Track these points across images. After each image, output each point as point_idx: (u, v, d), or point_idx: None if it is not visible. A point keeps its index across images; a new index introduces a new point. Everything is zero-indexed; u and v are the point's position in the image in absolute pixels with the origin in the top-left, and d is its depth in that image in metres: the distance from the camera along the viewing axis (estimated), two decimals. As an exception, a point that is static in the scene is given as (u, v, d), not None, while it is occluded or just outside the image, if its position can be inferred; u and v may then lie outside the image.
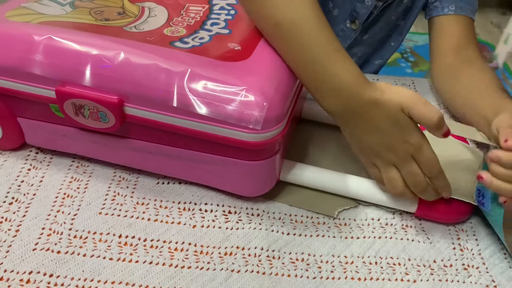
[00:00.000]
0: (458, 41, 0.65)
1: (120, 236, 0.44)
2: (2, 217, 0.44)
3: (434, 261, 0.45)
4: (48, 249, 0.42)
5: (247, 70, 0.42)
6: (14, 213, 0.45)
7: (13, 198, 0.46)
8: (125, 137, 0.45)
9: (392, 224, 0.48)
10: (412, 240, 0.47)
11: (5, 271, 0.40)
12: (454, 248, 0.47)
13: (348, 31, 0.73)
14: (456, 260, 0.46)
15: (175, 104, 0.40)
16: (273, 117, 0.40)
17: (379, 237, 0.47)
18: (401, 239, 0.47)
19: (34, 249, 0.42)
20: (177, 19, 0.48)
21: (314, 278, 0.43)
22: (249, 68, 0.42)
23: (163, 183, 0.49)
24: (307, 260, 0.44)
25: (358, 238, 0.47)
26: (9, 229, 0.43)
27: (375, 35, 0.75)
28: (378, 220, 0.49)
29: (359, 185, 0.49)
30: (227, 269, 0.42)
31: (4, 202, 0.46)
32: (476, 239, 0.48)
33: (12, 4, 0.47)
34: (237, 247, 0.44)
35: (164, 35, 0.45)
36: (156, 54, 0.41)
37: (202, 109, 0.40)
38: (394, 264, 0.45)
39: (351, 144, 0.46)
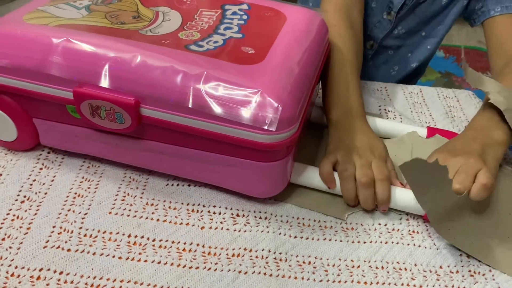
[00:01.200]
0: (508, 41, 0.65)
1: (129, 236, 0.44)
2: (14, 215, 0.45)
3: (441, 267, 0.45)
4: (58, 247, 0.43)
5: (261, 73, 0.43)
6: (25, 211, 0.46)
7: (25, 196, 0.47)
8: (139, 138, 0.46)
9: (399, 229, 0.49)
10: (419, 246, 0.47)
11: (16, 267, 0.41)
12: (460, 255, 0.47)
13: (384, 22, 0.75)
14: (462, 266, 0.46)
15: (190, 106, 0.41)
16: (287, 118, 0.41)
17: (386, 242, 0.47)
18: (408, 244, 0.47)
19: (44, 247, 0.43)
20: (191, 23, 0.48)
21: (321, 281, 0.43)
22: (263, 71, 0.43)
23: (172, 184, 0.50)
24: (314, 263, 0.44)
25: (365, 242, 0.47)
26: (20, 227, 0.44)
27: (408, 29, 0.77)
28: (385, 225, 0.49)
29: None
30: (235, 270, 0.43)
31: (16, 200, 0.46)
32: (483, 246, 0.48)
33: (30, 7, 0.48)
34: (245, 249, 0.45)
35: (179, 39, 0.46)
36: (172, 56, 0.42)
37: (218, 111, 0.41)
38: (400, 269, 0.45)
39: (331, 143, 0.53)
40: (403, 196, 0.49)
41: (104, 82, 0.42)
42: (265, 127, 0.40)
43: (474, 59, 1.84)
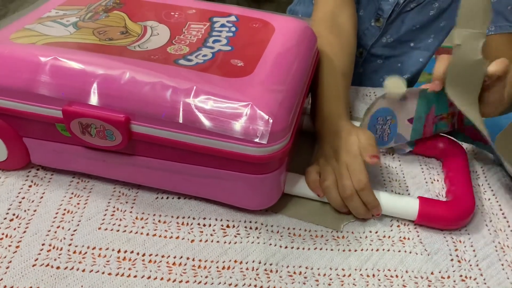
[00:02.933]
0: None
1: (119, 251, 0.44)
2: (3, 234, 0.45)
3: (432, 273, 0.45)
4: (47, 265, 0.43)
5: (251, 85, 0.43)
6: (14, 229, 0.45)
7: (14, 214, 0.47)
8: (130, 154, 0.46)
9: (389, 236, 0.49)
10: (410, 252, 0.47)
11: (4, 287, 0.40)
12: (451, 260, 0.47)
13: (373, 30, 0.77)
14: (453, 271, 0.46)
15: (181, 121, 0.41)
16: (278, 131, 0.41)
17: (377, 250, 0.47)
18: (399, 251, 0.47)
19: (34, 265, 0.42)
20: (179, 37, 0.49)
21: (312, 291, 0.43)
22: (253, 83, 0.43)
23: (162, 198, 0.50)
24: (305, 273, 0.44)
25: (355, 250, 0.47)
26: (9, 245, 0.44)
27: (397, 38, 0.78)
28: (376, 232, 0.49)
29: None
30: (225, 283, 0.43)
31: (5, 218, 0.46)
32: (474, 250, 0.48)
33: (16, 26, 0.49)
34: (235, 261, 0.44)
35: (168, 53, 0.46)
36: (161, 72, 0.42)
37: (208, 125, 0.41)
38: (391, 277, 0.45)
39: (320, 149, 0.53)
40: (394, 201, 0.49)
41: (94, 100, 0.42)
42: (257, 140, 0.41)
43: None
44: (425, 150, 0.58)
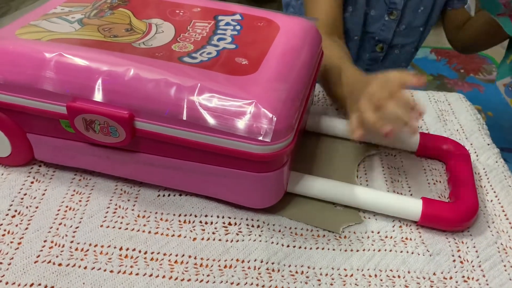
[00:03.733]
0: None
1: (121, 249, 0.44)
2: (5, 230, 0.45)
3: (434, 274, 0.45)
4: (49, 262, 0.42)
5: (255, 83, 0.43)
6: (16, 225, 0.45)
7: (15, 211, 0.47)
8: (133, 151, 0.46)
9: (392, 236, 0.48)
10: (412, 253, 0.47)
11: (6, 283, 0.40)
12: (454, 261, 0.47)
13: (389, 24, 0.80)
14: (456, 272, 0.46)
15: (185, 118, 0.41)
16: (282, 129, 0.41)
17: (379, 250, 0.47)
18: (401, 251, 0.47)
19: (35, 262, 0.42)
20: (184, 35, 0.49)
21: (314, 290, 0.43)
22: (257, 81, 0.43)
23: (164, 195, 0.50)
24: (307, 272, 0.44)
25: (357, 250, 0.47)
26: (11, 242, 0.44)
27: (407, 24, 0.81)
28: (378, 233, 0.49)
29: (364, 195, 0.50)
30: (227, 281, 0.43)
31: (7, 215, 0.46)
32: (476, 251, 0.48)
33: (22, 22, 0.48)
34: (237, 260, 0.44)
35: (173, 51, 0.46)
36: (166, 69, 0.42)
37: (212, 122, 0.41)
38: (393, 277, 0.45)
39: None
40: (397, 202, 0.49)
41: (98, 96, 0.42)
42: (260, 138, 0.41)
43: (465, 61, 1.85)
44: (428, 152, 0.58)
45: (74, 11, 0.52)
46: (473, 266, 0.46)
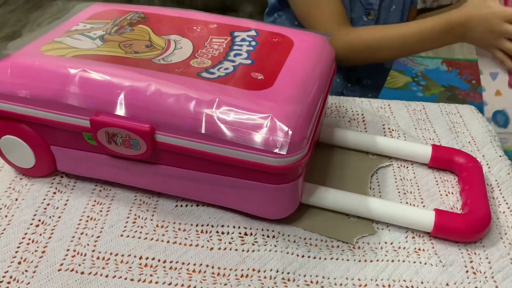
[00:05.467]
0: None
1: (140, 258, 0.46)
2: (30, 239, 0.46)
3: (447, 284, 0.46)
4: (72, 270, 0.44)
5: (271, 98, 0.44)
6: (40, 235, 0.47)
7: (39, 220, 0.48)
8: (152, 163, 0.47)
9: (405, 247, 0.49)
10: (425, 264, 0.48)
11: (32, 290, 0.42)
12: (467, 271, 0.47)
13: (367, 24, 0.83)
14: (469, 283, 0.46)
15: (203, 131, 0.42)
16: (297, 142, 0.43)
17: (392, 260, 0.48)
18: (414, 262, 0.48)
19: (59, 270, 0.44)
20: (201, 50, 0.50)
21: (329, 300, 0.44)
22: (273, 96, 0.45)
23: (181, 205, 0.51)
24: (321, 282, 0.45)
25: (371, 261, 0.48)
26: (35, 250, 0.45)
27: (384, 23, 0.84)
28: (391, 243, 0.50)
29: (377, 206, 0.50)
30: (244, 290, 0.44)
31: (31, 224, 0.48)
32: (489, 262, 0.49)
33: (46, 38, 0.51)
34: (253, 269, 0.46)
35: (191, 66, 0.47)
36: (185, 84, 0.44)
37: (230, 136, 0.42)
38: (407, 287, 0.45)
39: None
40: (409, 213, 0.50)
41: (120, 110, 0.44)
42: (276, 151, 0.42)
43: (477, 72, 1.85)
44: (441, 164, 0.59)
45: (96, 27, 0.54)
46: (486, 277, 0.47)
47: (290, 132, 0.42)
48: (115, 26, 0.54)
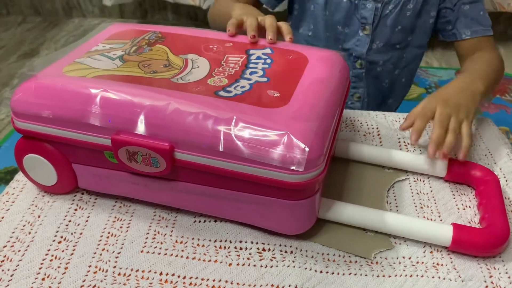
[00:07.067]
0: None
1: (161, 274, 0.46)
2: (53, 255, 0.47)
3: (467, 300, 0.46)
4: (94, 286, 0.45)
5: (287, 115, 0.45)
6: (63, 251, 0.48)
7: (61, 237, 0.49)
8: (171, 180, 0.48)
9: (423, 262, 0.49)
10: (444, 278, 0.48)
11: (55, 307, 0.43)
12: (486, 287, 0.47)
13: (363, 39, 0.82)
14: (489, 298, 0.46)
15: (221, 149, 0.43)
16: (313, 158, 0.43)
17: (411, 275, 0.48)
18: (433, 277, 0.48)
19: (81, 286, 0.45)
20: (218, 69, 0.51)
21: (348, 316, 0.44)
22: (289, 113, 0.45)
23: (200, 221, 0.52)
24: (340, 298, 0.45)
25: (389, 276, 0.48)
26: (58, 267, 0.46)
27: (385, 42, 0.83)
28: (409, 258, 0.50)
29: (394, 221, 0.51)
30: (263, 306, 0.44)
31: (54, 240, 0.49)
32: (509, 277, 0.48)
33: (68, 59, 0.52)
34: (272, 285, 0.46)
35: (209, 85, 0.48)
36: (203, 103, 0.45)
37: (247, 153, 0.43)
38: (426, 303, 0.45)
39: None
40: (427, 228, 0.50)
41: (140, 129, 0.45)
42: (293, 168, 0.43)
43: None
44: (457, 177, 0.59)
45: (115, 48, 0.55)
46: (506, 292, 0.47)
47: (307, 149, 0.43)
48: (133, 46, 0.55)
